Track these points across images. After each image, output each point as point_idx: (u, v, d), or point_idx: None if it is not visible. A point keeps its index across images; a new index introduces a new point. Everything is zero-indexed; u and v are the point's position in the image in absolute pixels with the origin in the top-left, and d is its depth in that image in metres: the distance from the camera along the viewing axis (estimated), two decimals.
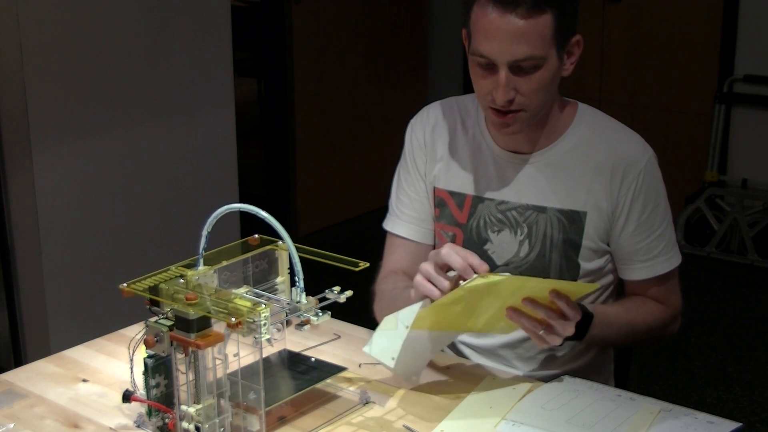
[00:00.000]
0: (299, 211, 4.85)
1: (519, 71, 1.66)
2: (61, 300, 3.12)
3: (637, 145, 1.80)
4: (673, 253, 1.82)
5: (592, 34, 4.81)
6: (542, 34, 1.64)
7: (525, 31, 1.62)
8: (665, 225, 1.81)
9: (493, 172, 1.84)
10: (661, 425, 1.51)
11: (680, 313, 1.88)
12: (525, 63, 1.65)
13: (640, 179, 1.77)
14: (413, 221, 1.92)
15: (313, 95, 4.78)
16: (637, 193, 1.77)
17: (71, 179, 3.10)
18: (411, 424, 1.54)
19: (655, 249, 1.80)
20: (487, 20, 1.64)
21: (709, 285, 4.29)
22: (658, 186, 1.80)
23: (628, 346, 1.93)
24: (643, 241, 1.79)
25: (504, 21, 1.62)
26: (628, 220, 1.78)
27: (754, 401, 3.34)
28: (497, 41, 1.64)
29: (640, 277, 1.82)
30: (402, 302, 1.72)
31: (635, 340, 1.84)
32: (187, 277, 1.48)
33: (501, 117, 1.71)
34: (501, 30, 1.63)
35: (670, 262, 1.82)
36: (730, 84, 4.55)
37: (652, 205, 1.78)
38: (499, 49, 1.64)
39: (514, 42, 1.63)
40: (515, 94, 1.68)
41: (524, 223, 1.81)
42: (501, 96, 1.67)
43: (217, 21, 3.46)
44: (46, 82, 2.99)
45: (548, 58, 1.66)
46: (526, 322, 1.58)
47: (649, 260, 1.80)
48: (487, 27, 1.64)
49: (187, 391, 1.43)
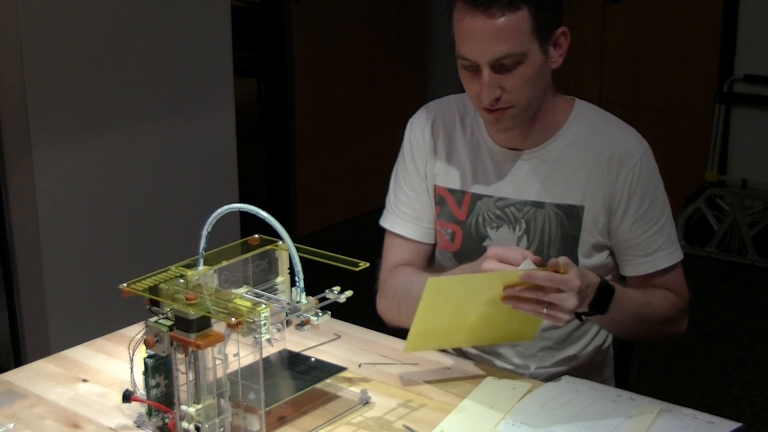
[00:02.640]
0: (299, 211, 4.85)
1: (501, 69, 1.68)
2: (61, 300, 3.12)
3: (632, 137, 1.81)
4: (674, 248, 1.81)
5: (592, 34, 4.81)
6: (519, 30, 1.65)
7: (501, 29, 1.64)
8: (664, 219, 1.80)
9: (491, 169, 1.84)
10: (661, 425, 1.51)
11: (687, 310, 1.86)
12: (506, 61, 1.67)
13: (636, 171, 1.77)
14: (412, 220, 1.92)
15: (313, 95, 4.78)
16: (635, 185, 1.77)
17: (71, 179, 3.10)
18: (411, 424, 1.54)
19: (655, 243, 1.79)
20: (464, 23, 1.67)
21: (709, 285, 4.29)
22: (656, 179, 1.80)
23: (641, 336, 1.84)
24: (642, 236, 1.79)
25: (479, 22, 1.65)
26: (627, 214, 1.78)
27: (754, 401, 3.34)
28: (475, 42, 1.66)
29: (641, 272, 1.81)
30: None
31: (650, 328, 1.79)
32: (187, 277, 1.48)
33: (490, 113, 1.73)
34: (477, 31, 1.66)
35: (671, 257, 1.81)
36: (730, 84, 4.55)
37: (650, 198, 1.79)
38: (478, 49, 1.67)
39: (492, 41, 1.65)
40: (501, 92, 1.70)
41: (522, 219, 1.81)
42: (486, 96, 1.69)
43: (217, 21, 3.46)
44: (46, 82, 2.99)
45: (529, 53, 1.67)
46: (526, 306, 1.57)
47: (649, 255, 1.80)
48: (465, 29, 1.67)
49: (187, 391, 1.43)
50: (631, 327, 1.77)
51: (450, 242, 1.88)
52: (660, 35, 4.73)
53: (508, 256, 1.60)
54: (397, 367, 1.74)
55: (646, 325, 1.77)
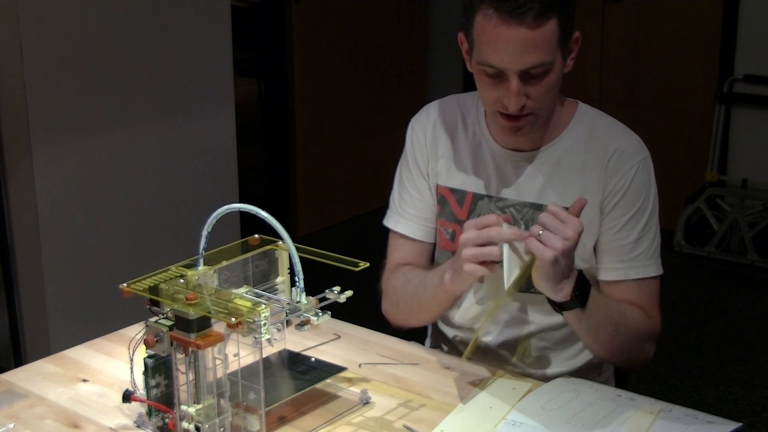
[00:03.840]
0: (299, 211, 4.85)
1: (528, 77, 1.66)
2: (61, 300, 3.12)
3: (633, 142, 1.80)
4: (651, 262, 1.78)
5: (592, 34, 4.81)
6: (550, 40, 1.64)
7: (534, 39, 1.62)
8: (648, 232, 1.77)
9: (492, 169, 1.84)
10: (661, 425, 1.51)
11: (657, 336, 1.80)
12: (535, 70, 1.65)
13: (631, 175, 1.76)
14: (415, 219, 1.92)
15: (313, 95, 4.78)
16: (626, 188, 1.76)
17: (71, 179, 3.10)
18: (411, 424, 1.54)
19: (632, 252, 1.77)
20: (495, 32, 1.63)
21: (709, 285, 4.29)
22: (649, 188, 1.78)
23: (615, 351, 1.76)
24: (621, 241, 1.77)
25: (512, 32, 1.62)
26: (611, 214, 1.76)
27: (754, 401, 3.34)
28: (507, 52, 1.63)
29: (611, 278, 1.78)
30: (423, 292, 1.77)
31: (623, 341, 1.73)
32: (187, 277, 1.48)
33: (513, 122, 1.72)
34: (510, 41, 1.62)
35: (645, 269, 1.77)
36: (730, 84, 4.55)
37: (639, 206, 1.77)
38: (510, 59, 1.64)
39: (525, 52, 1.63)
40: (526, 100, 1.68)
41: (522, 221, 1.81)
42: (514, 104, 1.67)
43: (217, 21, 3.46)
44: (46, 82, 2.99)
45: (555, 61, 1.67)
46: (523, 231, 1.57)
47: (624, 262, 1.77)
48: (496, 38, 1.63)
49: (187, 391, 1.43)
50: (605, 335, 1.71)
51: (450, 241, 1.88)
52: (660, 35, 4.73)
53: (483, 221, 1.58)
54: (397, 367, 1.74)
55: (620, 336, 1.72)
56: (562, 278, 1.57)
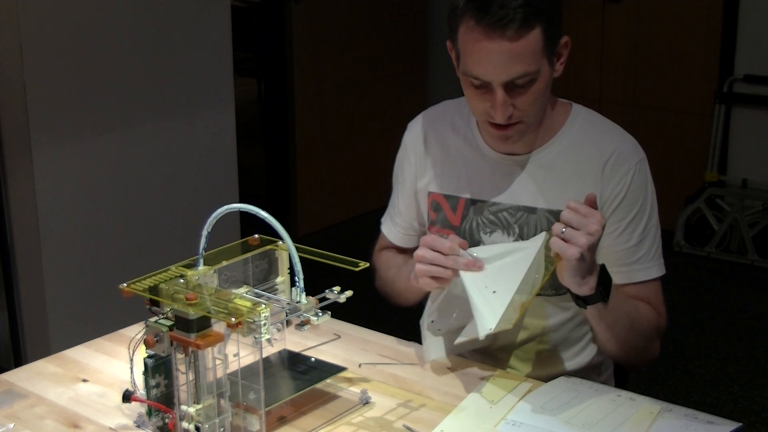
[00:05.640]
0: (299, 211, 4.85)
1: (514, 87, 1.65)
2: (61, 300, 3.12)
3: (629, 144, 1.79)
4: (653, 263, 1.78)
5: (592, 34, 4.81)
6: (534, 50, 1.63)
7: (517, 51, 1.61)
8: (648, 233, 1.77)
9: (485, 174, 1.84)
10: (661, 425, 1.51)
11: (662, 332, 1.81)
12: (520, 80, 1.64)
13: (629, 178, 1.75)
14: (397, 226, 1.98)
15: (313, 95, 4.78)
16: (624, 192, 1.75)
17: (71, 179, 3.10)
18: (411, 424, 1.54)
19: (635, 255, 1.77)
20: (477, 45, 1.63)
21: (709, 285, 4.29)
22: (647, 191, 1.78)
23: (627, 349, 1.77)
24: (623, 245, 1.77)
25: (495, 45, 1.61)
26: (611, 219, 1.76)
27: (754, 401, 3.34)
28: (491, 65, 1.63)
29: (615, 281, 1.74)
30: (398, 281, 1.85)
31: (635, 339, 1.75)
32: (187, 277, 1.48)
33: (502, 130, 1.72)
34: (493, 53, 1.62)
35: (648, 271, 1.78)
36: (730, 84, 4.55)
37: (638, 208, 1.76)
38: (494, 71, 1.63)
39: (509, 63, 1.62)
40: (513, 110, 1.67)
41: (515, 224, 1.80)
42: (500, 115, 1.67)
43: (217, 21, 3.46)
44: (46, 82, 2.99)
45: (541, 69, 1.66)
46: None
47: (626, 266, 1.77)
48: (479, 51, 1.63)
49: (187, 391, 1.43)
50: (622, 331, 1.71)
51: None
52: (660, 35, 4.73)
53: (436, 244, 1.60)
54: (397, 367, 1.74)
55: (634, 332, 1.73)
56: (587, 273, 1.57)
